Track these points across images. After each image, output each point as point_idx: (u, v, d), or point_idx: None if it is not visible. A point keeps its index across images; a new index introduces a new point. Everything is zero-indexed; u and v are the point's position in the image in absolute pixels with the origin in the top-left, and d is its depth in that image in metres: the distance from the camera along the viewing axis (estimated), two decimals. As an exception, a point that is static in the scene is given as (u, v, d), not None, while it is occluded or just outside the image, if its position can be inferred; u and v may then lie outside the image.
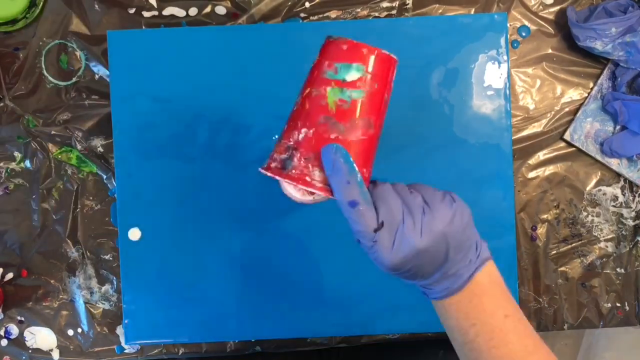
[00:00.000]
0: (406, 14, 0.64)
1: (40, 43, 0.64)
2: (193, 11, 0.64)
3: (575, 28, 0.61)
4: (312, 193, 0.52)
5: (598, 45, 0.61)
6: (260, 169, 0.43)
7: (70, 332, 0.64)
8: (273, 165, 0.42)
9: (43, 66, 0.64)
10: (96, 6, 0.64)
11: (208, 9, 0.64)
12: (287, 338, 0.64)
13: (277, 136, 0.63)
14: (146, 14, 0.64)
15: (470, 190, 0.63)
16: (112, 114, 0.63)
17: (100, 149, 0.64)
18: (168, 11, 0.64)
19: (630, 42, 0.60)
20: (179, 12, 0.64)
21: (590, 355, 1.06)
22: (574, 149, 0.65)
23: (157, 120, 0.63)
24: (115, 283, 0.64)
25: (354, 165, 0.38)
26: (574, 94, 0.65)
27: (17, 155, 0.64)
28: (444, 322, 0.43)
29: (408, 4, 0.64)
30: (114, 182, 0.64)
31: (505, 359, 0.40)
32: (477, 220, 0.62)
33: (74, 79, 0.64)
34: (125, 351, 0.64)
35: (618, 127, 0.64)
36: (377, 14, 0.64)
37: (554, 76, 0.65)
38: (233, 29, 0.63)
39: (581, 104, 0.65)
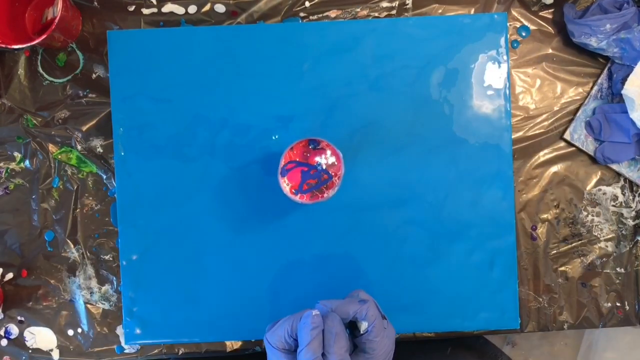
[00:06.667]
0: (406, 14, 0.64)
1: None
2: (192, 9, 0.64)
3: (571, 24, 0.61)
4: (310, 195, 0.54)
5: (593, 42, 0.61)
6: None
7: (70, 332, 0.64)
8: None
9: (39, 64, 0.64)
10: (95, 3, 0.64)
11: (207, 7, 0.64)
12: (287, 338, 0.64)
13: (277, 136, 0.63)
14: (145, 11, 0.64)
15: (470, 190, 0.63)
16: (112, 114, 0.63)
17: (100, 149, 0.64)
18: (167, 8, 0.64)
19: (625, 39, 0.60)
20: (178, 10, 0.64)
21: (590, 355, 1.06)
22: (573, 148, 0.65)
23: (157, 120, 0.63)
24: (115, 283, 0.64)
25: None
26: (574, 94, 0.65)
27: (17, 155, 0.64)
28: None
29: (408, 4, 0.64)
30: (114, 182, 0.64)
31: None
32: (477, 220, 0.63)
33: (70, 76, 0.64)
34: (125, 351, 0.64)
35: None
36: (376, 14, 0.64)
37: (554, 76, 0.65)
38: (233, 29, 0.63)
39: (581, 104, 0.65)
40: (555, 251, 0.65)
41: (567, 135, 0.64)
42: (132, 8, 0.64)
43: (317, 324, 0.45)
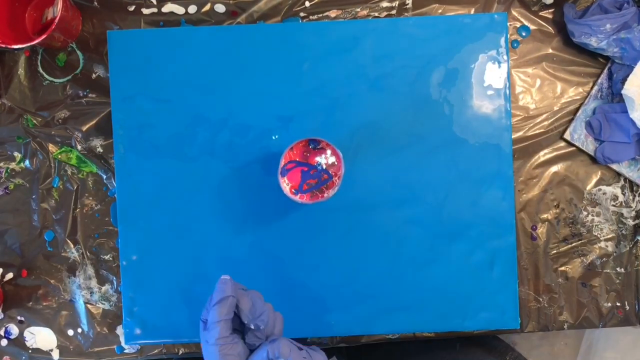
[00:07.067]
0: (406, 14, 0.64)
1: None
2: (192, 9, 0.64)
3: (571, 24, 0.61)
4: (310, 195, 0.54)
5: (593, 42, 0.61)
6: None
7: (70, 332, 0.64)
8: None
9: (39, 64, 0.64)
10: (95, 3, 0.64)
11: (207, 7, 0.64)
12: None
13: (277, 136, 0.63)
14: (145, 11, 0.64)
15: (470, 190, 0.63)
16: (112, 114, 0.63)
17: (100, 149, 0.64)
18: (167, 8, 0.64)
19: (625, 39, 0.60)
20: (178, 10, 0.64)
21: (590, 355, 1.06)
22: (574, 148, 0.65)
23: (157, 120, 0.63)
24: (115, 283, 0.64)
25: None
26: (574, 94, 0.65)
27: (17, 155, 0.64)
28: None
29: (408, 4, 0.64)
30: (114, 182, 0.64)
31: None
32: (477, 220, 0.63)
33: (70, 76, 0.64)
34: (125, 351, 0.64)
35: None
36: (376, 14, 0.64)
37: (554, 76, 0.65)
38: (233, 29, 0.63)
39: (581, 104, 0.65)
40: (555, 251, 0.65)
41: (567, 135, 0.64)
42: (132, 8, 0.64)
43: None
